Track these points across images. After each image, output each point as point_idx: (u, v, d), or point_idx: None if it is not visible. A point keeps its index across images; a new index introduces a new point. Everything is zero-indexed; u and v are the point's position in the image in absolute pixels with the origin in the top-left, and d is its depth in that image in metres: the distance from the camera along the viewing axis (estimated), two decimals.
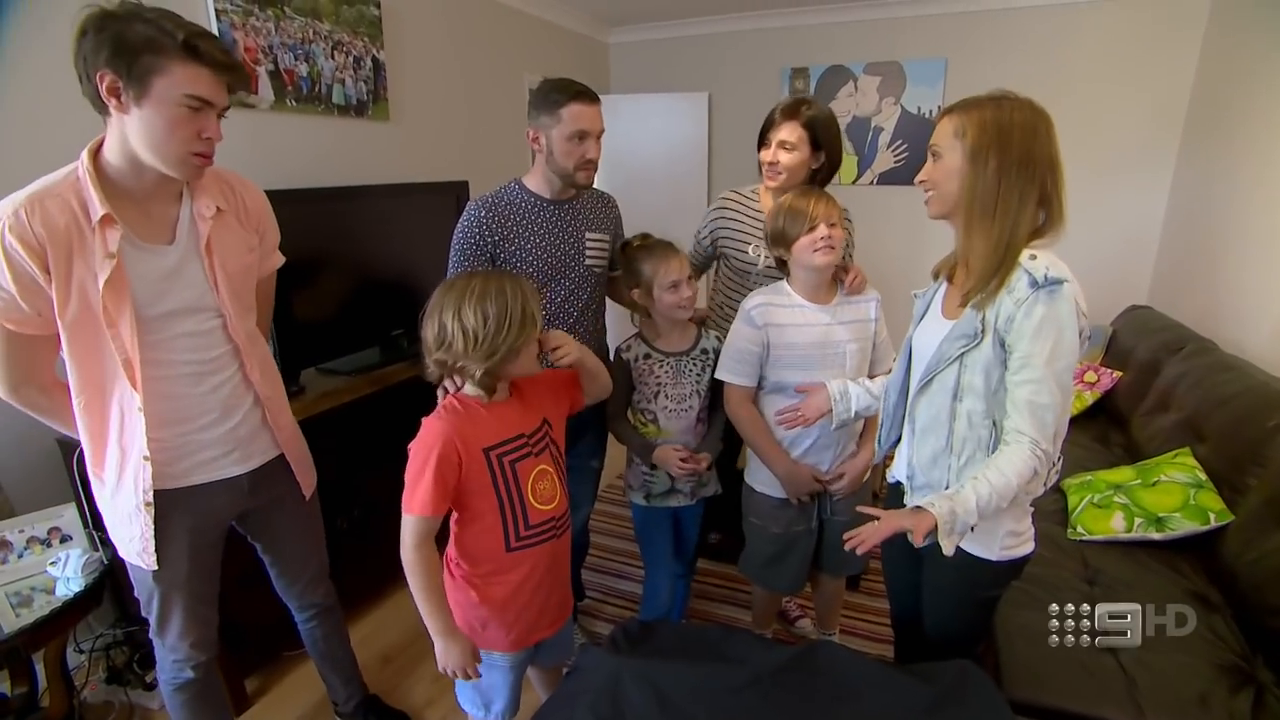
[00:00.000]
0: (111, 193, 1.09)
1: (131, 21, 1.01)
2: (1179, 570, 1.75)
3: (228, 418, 1.27)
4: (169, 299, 1.16)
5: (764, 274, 1.73)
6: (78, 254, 1.06)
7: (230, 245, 1.24)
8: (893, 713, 1.05)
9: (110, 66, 1.01)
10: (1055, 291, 1.00)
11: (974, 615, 1.28)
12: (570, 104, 1.52)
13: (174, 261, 1.17)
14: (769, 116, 1.71)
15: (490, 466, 1.20)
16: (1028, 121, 1.04)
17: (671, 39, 4.62)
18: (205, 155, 1.11)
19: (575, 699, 1.08)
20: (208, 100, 1.06)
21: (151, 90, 1.02)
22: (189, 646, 1.37)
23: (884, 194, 4.24)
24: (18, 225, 1.03)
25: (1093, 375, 2.89)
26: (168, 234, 1.17)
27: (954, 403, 1.11)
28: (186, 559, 1.28)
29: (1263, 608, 1.49)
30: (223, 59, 1.07)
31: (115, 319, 1.09)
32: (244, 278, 1.28)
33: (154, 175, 1.11)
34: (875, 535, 1.07)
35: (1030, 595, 1.63)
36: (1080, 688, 1.37)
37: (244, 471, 1.32)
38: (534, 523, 1.25)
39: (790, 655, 1.16)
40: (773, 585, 1.75)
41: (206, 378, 1.23)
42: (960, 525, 1.01)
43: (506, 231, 1.61)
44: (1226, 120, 2.99)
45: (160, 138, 1.05)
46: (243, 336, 1.26)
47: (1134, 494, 1.94)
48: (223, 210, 1.23)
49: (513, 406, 1.27)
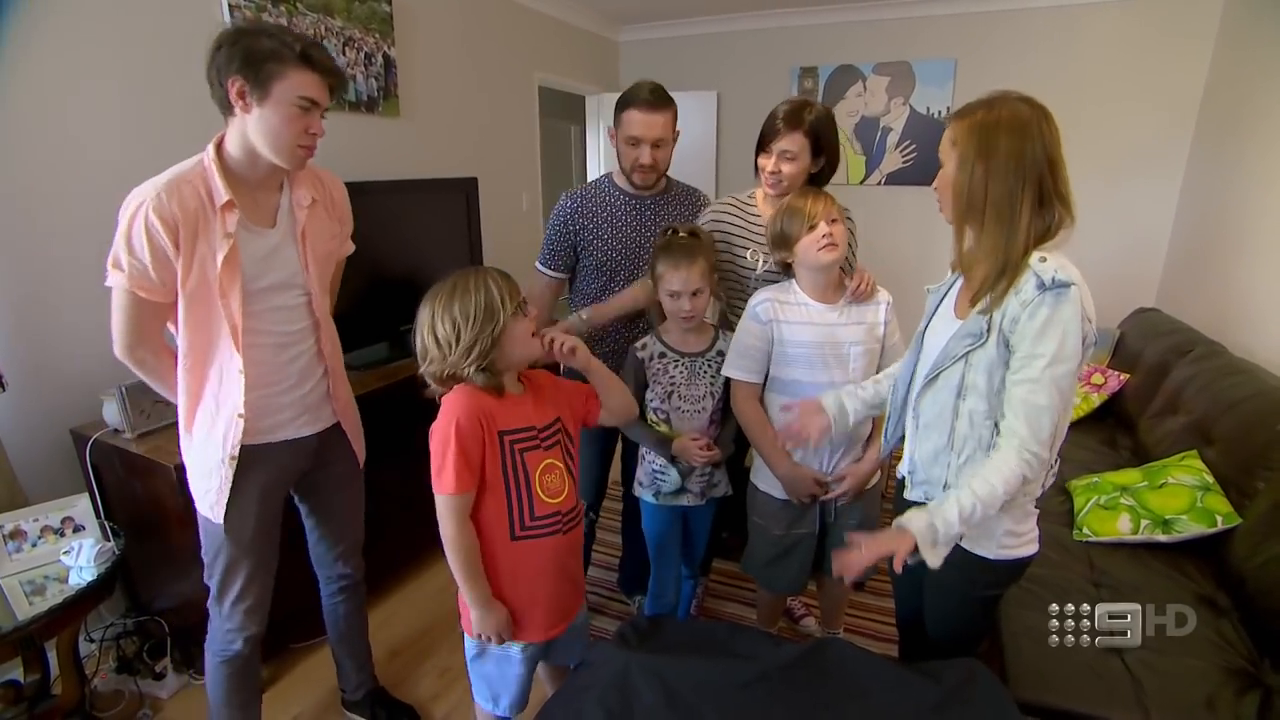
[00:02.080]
0: (229, 181, 1.26)
1: (259, 36, 1.20)
2: (1185, 573, 1.75)
3: (302, 384, 1.42)
4: (269, 276, 1.32)
5: (762, 279, 1.71)
6: (202, 233, 1.23)
7: (319, 232, 1.41)
8: (900, 711, 1.05)
9: (240, 73, 1.18)
10: (1062, 294, 0.99)
11: (973, 613, 1.28)
12: (627, 109, 1.67)
13: (274, 243, 1.34)
14: (770, 122, 1.64)
15: (502, 450, 1.22)
16: (1018, 121, 1.03)
17: (681, 37, 4.63)
18: (309, 148, 1.29)
19: (584, 693, 1.09)
20: (316, 101, 1.24)
21: (272, 93, 1.20)
22: (244, 613, 1.46)
23: (893, 194, 4.24)
24: (159, 205, 1.19)
25: (1100, 378, 2.88)
26: (271, 219, 1.35)
27: (957, 401, 1.11)
28: (254, 516, 1.40)
29: (1270, 611, 1.49)
30: (330, 66, 1.26)
31: (227, 290, 1.26)
32: (327, 261, 1.45)
33: (266, 166, 1.28)
34: (860, 563, 1.07)
35: (1035, 596, 1.63)
36: (1086, 689, 1.37)
37: (312, 433, 1.46)
38: (539, 514, 1.26)
39: (799, 652, 1.17)
40: (773, 586, 1.75)
41: (289, 347, 1.38)
42: (943, 537, 1.01)
43: (588, 222, 1.78)
44: (1239, 122, 2.97)
45: (276, 132, 1.23)
46: (321, 313, 1.42)
47: (1141, 496, 1.93)
48: (316, 201, 1.40)
49: (525, 400, 1.29)
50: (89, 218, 1.90)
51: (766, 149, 1.64)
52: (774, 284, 1.61)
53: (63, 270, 1.85)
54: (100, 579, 1.55)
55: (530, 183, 4.01)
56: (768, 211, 1.72)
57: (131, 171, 1.95)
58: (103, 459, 1.79)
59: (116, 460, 1.78)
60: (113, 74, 1.92)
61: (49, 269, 1.83)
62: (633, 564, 2.10)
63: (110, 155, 1.93)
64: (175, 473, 1.62)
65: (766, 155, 1.64)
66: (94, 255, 1.89)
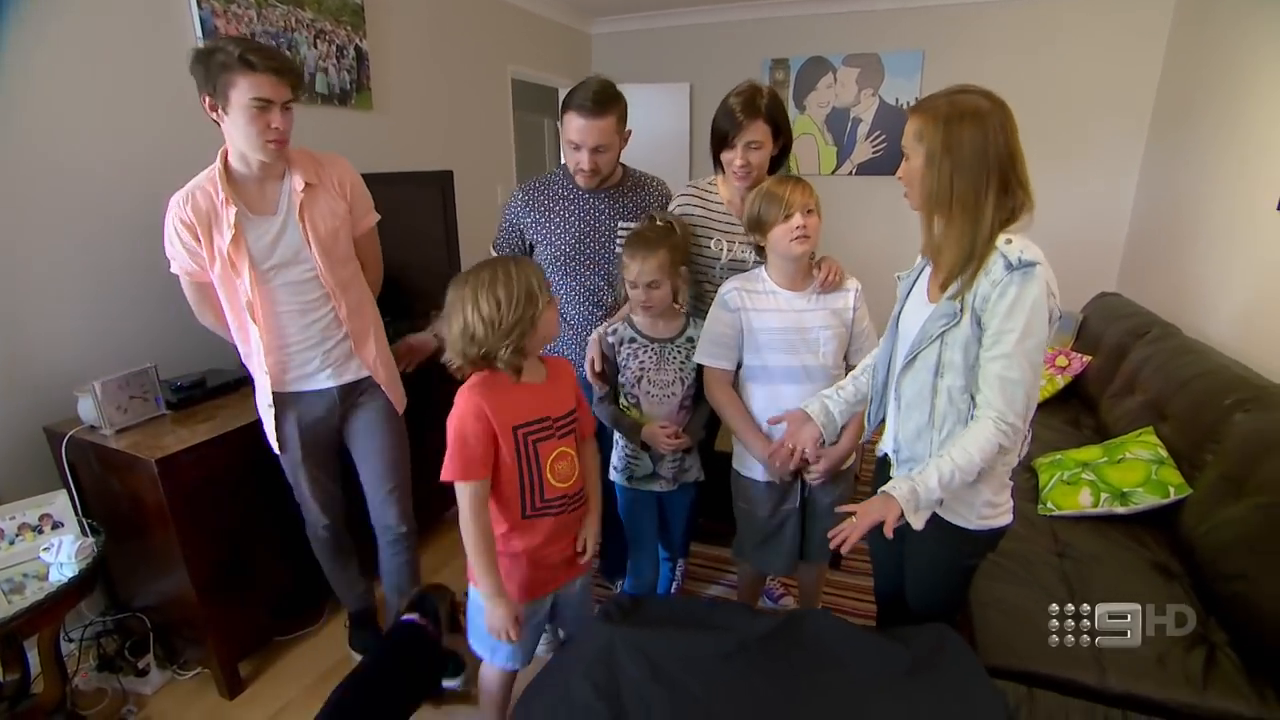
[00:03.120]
0: (233, 180, 1.50)
1: (213, 54, 1.37)
2: (1142, 542, 1.84)
3: (323, 344, 1.64)
4: (275, 255, 1.54)
5: (728, 268, 1.74)
6: (215, 227, 1.49)
7: (320, 212, 1.58)
8: (874, 676, 1.11)
9: (205, 90, 1.39)
10: (1028, 274, 1.05)
11: (953, 583, 1.34)
12: (568, 112, 1.64)
13: (278, 227, 1.54)
14: (728, 117, 1.63)
15: (515, 442, 1.29)
16: (979, 114, 1.07)
17: (654, 30, 4.65)
18: (278, 141, 1.46)
19: (571, 667, 1.13)
20: (269, 99, 1.40)
21: (231, 101, 1.38)
22: (319, 508, 1.79)
23: (863, 184, 4.32)
24: (180, 212, 1.48)
25: (1064, 360, 2.98)
26: (273, 207, 1.54)
27: (936, 379, 1.17)
28: (300, 445, 1.70)
29: (1216, 574, 1.58)
30: (273, 65, 1.39)
31: (239, 271, 1.50)
32: (333, 238, 1.61)
33: (256, 161, 1.49)
34: (855, 533, 1.12)
35: (1003, 569, 1.71)
36: (1049, 653, 1.44)
37: (334, 385, 1.69)
38: (549, 497, 1.35)
39: (776, 624, 1.22)
40: (768, 567, 1.78)
41: (307, 314, 1.61)
42: (924, 502, 1.07)
43: (539, 214, 1.78)
44: (1189, 116, 3.09)
45: (244, 133, 1.41)
46: (332, 284, 1.60)
47: (1101, 471, 2.02)
48: (312, 184, 1.57)
49: (545, 389, 1.36)
50: (58, 214, 1.87)
51: (730, 144, 1.64)
52: (741, 272, 1.64)
53: (32, 267, 1.83)
54: (81, 575, 1.54)
55: (505, 175, 4.01)
56: (728, 197, 1.76)
57: (102, 168, 1.95)
58: (78, 456, 1.77)
59: (93, 457, 1.76)
60: (81, 74, 1.88)
61: (17, 266, 1.80)
62: (614, 550, 2.13)
63: (82, 153, 1.90)
64: (157, 467, 1.61)
65: (731, 149, 1.64)
66: (65, 252, 1.88)
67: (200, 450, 1.72)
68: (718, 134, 1.68)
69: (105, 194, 1.97)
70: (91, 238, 1.95)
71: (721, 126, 1.66)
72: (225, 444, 1.79)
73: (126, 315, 2.04)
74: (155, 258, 2.08)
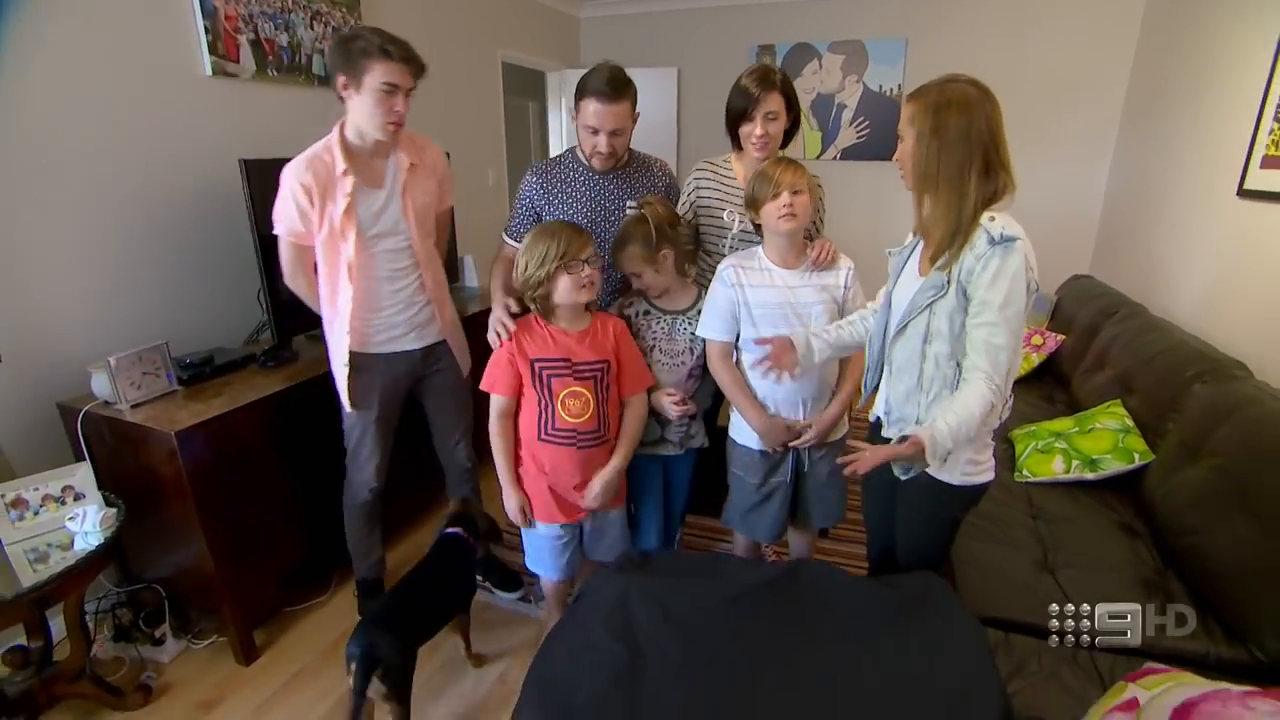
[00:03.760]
0: (349, 153, 1.66)
1: (355, 40, 1.56)
2: (1109, 505, 1.97)
3: (408, 309, 1.83)
4: (379, 224, 1.72)
5: (739, 238, 1.84)
6: (328, 195, 1.64)
7: (418, 189, 1.77)
8: (866, 616, 1.21)
9: (341, 71, 1.57)
10: (1009, 247, 1.16)
11: (940, 536, 1.46)
12: (585, 99, 1.70)
13: (383, 200, 1.72)
14: (744, 92, 1.73)
15: (533, 373, 1.59)
16: (966, 101, 1.17)
17: (642, 14, 4.68)
18: (397, 123, 1.63)
19: (590, 614, 1.22)
20: (397, 85, 1.58)
21: (364, 83, 1.56)
22: (372, 471, 1.92)
23: (848, 169, 4.41)
24: (300, 176, 1.61)
25: (1039, 339, 3.12)
26: (380, 181, 1.72)
27: (924, 346, 1.27)
28: (376, 404, 1.85)
29: (1173, 530, 1.71)
30: (404, 54, 1.58)
31: (347, 236, 1.67)
32: (425, 212, 1.82)
33: (371, 139, 1.66)
34: (871, 460, 1.23)
35: (982, 530, 1.83)
36: (1023, 602, 1.57)
37: (416, 347, 1.88)
38: (559, 427, 1.61)
39: (776, 572, 1.32)
40: (754, 534, 1.88)
41: (397, 280, 1.79)
42: (940, 449, 1.17)
43: (551, 195, 1.85)
44: (1158, 105, 3.23)
45: (370, 112, 1.59)
46: (421, 254, 1.81)
47: (1072, 440, 2.15)
48: (414, 165, 1.76)
49: (576, 337, 1.61)
50: (64, 196, 1.90)
51: (749, 117, 1.74)
52: (746, 245, 1.73)
53: (40, 249, 1.85)
54: (106, 543, 1.59)
55: (496, 159, 4.04)
56: (742, 173, 1.85)
57: (107, 148, 1.97)
58: (92, 430, 1.81)
59: (107, 431, 1.80)
60: (85, 52, 1.90)
61: (26, 247, 1.82)
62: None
63: (87, 134, 1.93)
64: (176, 439, 1.67)
65: (749, 122, 1.75)
66: (72, 234, 1.91)
67: (216, 423, 1.78)
68: (735, 111, 1.78)
69: (110, 176, 2.00)
70: (96, 219, 1.98)
71: (738, 103, 1.76)
72: (239, 417, 1.85)
73: (133, 295, 2.08)
74: (159, 238, 2.13)
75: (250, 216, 2.01)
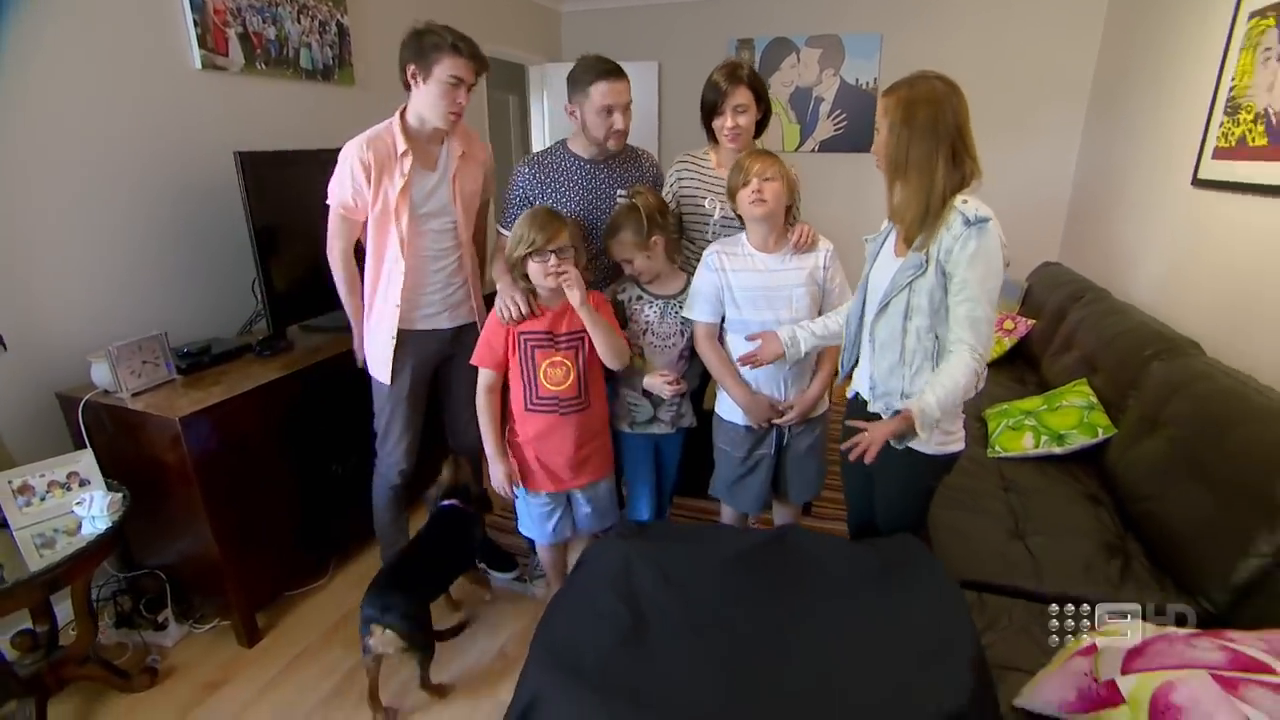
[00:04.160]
0: (409, 136, 1.76)
1: (427, 35, 1.69)
2: (1075, 477, 2.09)
3: (446, 288, 1.93)
4: (429, 205, 1.83)
5: (720, 224, 1.93)
6: (386, 174, 1.74)
7: (467, 176, 1.89)
8: (850, 576, 1.30)
9: (413, 60, 1.70)
10: (984, 228, 1.26)
11: (916, 503, 1.56)
12: (597, 82, 1.78)
13: (435, 182, 1.83)
14: (716, 87, 1.83)
15: (518, 346, 1.70)
16: (934, 96, 1.27)
17: (622, 8, 4.73)
18: (458, 114, 1.77)
19: (595, 579, 1.29)
20: (462, 79, 1.71)
21: (433, 74, 1.69)
22: (402, 452, 2.00)
23: (826, 160, 4.51)
24: (361, 152, 1.71)
25: (1011, 324, 3.25)
26: (434, 165, 1.84)
27: (905, 322, 1.36)
28: (409, 381, 1.94)
29: (1132, 497, 1.83)
30: (472, 52, 1.71)
31: (401, 214, 1.77)
32: (471, 199, 1.94)
33: (430, 126, 1.78)
34: (875, 441, 1.32)
35: (957, 501, 1.94)
36: (996, 566, 1.67)
37: (450, 326, 1.97)
38: (542, 395, 1.72)
39: (765, 536, 1.40)
40: (739, 505, 1.96)
41: (439, 260, 1.89)
42: (929, 419, 1.26)
43: (545, 186, 1.91)
44: (1120, 98, 3.36)
45: (434, 102, 1.72)
46: (464, 237, 1.92)
47: (1041, 417, 2.27)
48: (465, 153, 1.88)
49: (559, 312, 1.71)
50: (65, 188, 1.92)
51: (720, 110, 1.83)
52: (729, 230, 1.83)
53: (38, 241, 1.87)
54: (113, 527, 1.63)
55: None
56: (719, 162, 1.94)
57: (104, 142, 1.99)
58: (92, 419, 1.84)
59: (107, 420, 1.83)
60: (82, 45, 1.92)
61: (24, 240, 1.84)
62: None
63: (85, 131, 1.95)
64: (181, 425, 1.71)
65: (720, 115, 1.84)
66: (69, 226, 1.93)
67: (218, 410, 1.82)
68: (707, 105, 1.86)
69: (106, 169, 2.02)
70: (92, 212, 2.00)
71: (710, 97, 1.85)
72: (240, 404, 1.89)
73: (127, 287, 2.10)
74: (154, 230, 2.16)
75: (246, 208, 2.04)
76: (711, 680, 1.07)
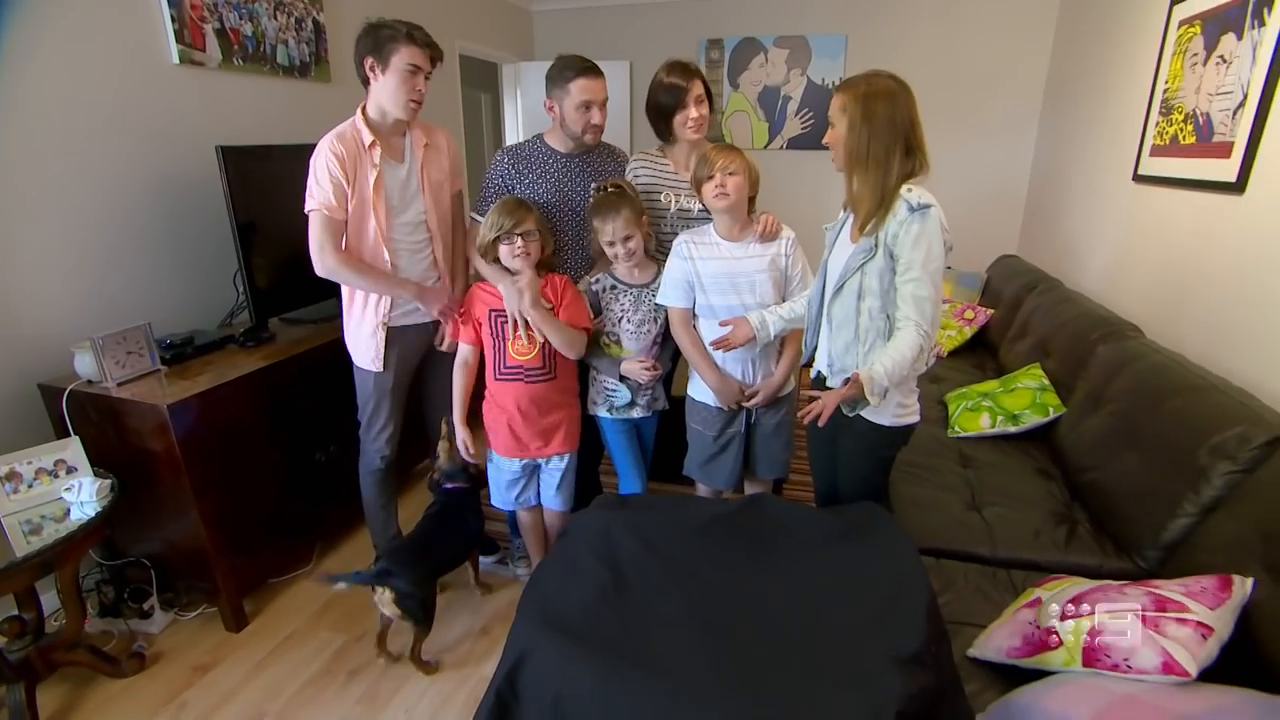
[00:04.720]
0: (371, 130, 1.79)
1: (382, 28, 1.73)
2: (1029, 453, 2.22)
3: (424, 282, 1.96)
4: (401, 196, 1.87)
5: (676, 217, 2.02)
6: (359, 167, 1.78)
7: (433, 165, 1.94)
8: (817, 539, 1.40)
9: (370, 53, 1.74)
10: (926, 214, 1.36)
11: (875, 472, 1.66)
12: (577, 79, 1.86)
13: (404, 173, 1.88)
14: (672, 86, 1.89)
15: (489, 322, 1.84)
16: (889, 93, 1.38)
17: (594, 8, 4.80)
18: (418, 102, 1.79)
19: (578, 546, 1.36)
20: (419, 66, 1.75)
21: (390, 65, 1.73)
22: (385, 440, 2.06)
23: (793, 158, 4.63)
24: (333, 146, 1.75)
25: (970, 313, 3.40)
26: (400, 156, 1.88)
27: (859, 302, 1.46)
28: (394, 372, 1.99)
29: (1078, 469, 1.97)
30: (426, 40, 1.76)
31: (377, 206, 1.81)
32: (440, 189, 1.97)
33: (392, 118, 1.81)
34: (827, 407, 1.41)
35: (919, 477, 2.05)
36: (953, 534, 1.79)
37: (429, 320, 2.01)
38: (509, 365, 1.86)
39: (738, 504, 1.50)
40: (712, 482, 2.05)
41: (416, 253, 1.94)
42: (878, 387, 1.36)
43: (521, 176, 1.98)
44: (1069, 96, 3.54)
45: (394, 92, 1.76)
46: (436, 228, 1.96)
47: (997, 399, 2.40)
48: (428, 144, 1.93)
49: None
50: (46, 181, 1.93)
51: (683, 104, 1.89)
52: (686, 223, 1.92)
53: (18, 232, 1.88)
54: (102, 513, 1.66)
55: None
56: (672, 160, 2.03)
57: (85, 133, 2.00)
58: (76, 409, 1.86)
59: (92, 409, 1.85)
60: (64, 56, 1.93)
61: (3, 231, 1.85)
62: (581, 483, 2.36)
63: (67, 124, 1.97)
64: (169, 412, 1.74)
65: (684, 109, 1.90)
66: (50, 217, 1.95)
67: (205, 398, 1.85)
68: (667, 105, 1.92)
69: (85, 162, 2.03)
70: (74, 202, 2.01)
71: (667, 100, 1.91)
72: (225, 393, 1.92)
73: (108, 280, 2.12)
74: (134, 223, 2.17)
75: (228, 201, 2.07)
76: (688, 631, 1.15)
